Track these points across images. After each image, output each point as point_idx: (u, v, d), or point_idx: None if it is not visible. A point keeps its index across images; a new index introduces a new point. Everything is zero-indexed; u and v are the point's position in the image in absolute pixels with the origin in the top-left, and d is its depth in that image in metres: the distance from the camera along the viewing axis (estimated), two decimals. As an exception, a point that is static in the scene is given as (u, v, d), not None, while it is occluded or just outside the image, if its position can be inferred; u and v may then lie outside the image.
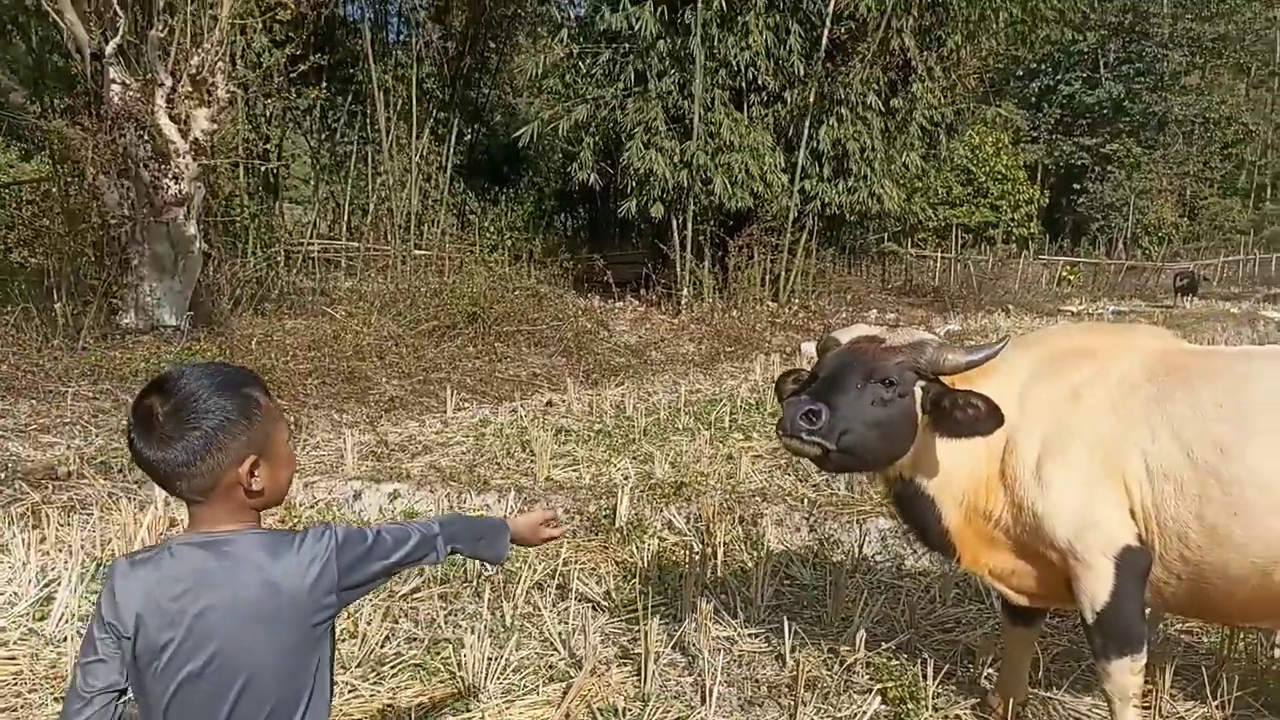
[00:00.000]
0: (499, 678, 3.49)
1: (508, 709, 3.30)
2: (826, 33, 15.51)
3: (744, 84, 15.54)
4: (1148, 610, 2.91)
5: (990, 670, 3.65)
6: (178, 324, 9.31)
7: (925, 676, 3.38)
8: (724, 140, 15.02)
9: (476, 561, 4.38)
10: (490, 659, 3.54)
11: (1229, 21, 37.43)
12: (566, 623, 4.02)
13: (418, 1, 18.36)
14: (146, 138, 8.91)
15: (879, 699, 3.39)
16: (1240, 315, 19.28)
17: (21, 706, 3.25)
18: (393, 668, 3.59)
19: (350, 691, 3.42)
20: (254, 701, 1.58)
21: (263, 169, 15.42)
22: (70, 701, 1.56)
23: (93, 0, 9.05)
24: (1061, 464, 2.74)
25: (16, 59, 12.77)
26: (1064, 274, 28.79)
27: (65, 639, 3.67)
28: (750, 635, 3.97)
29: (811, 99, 15.71)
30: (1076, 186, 38.48)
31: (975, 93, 20.33)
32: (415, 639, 3.84)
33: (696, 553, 4.67)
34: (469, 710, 3.32)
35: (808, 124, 15.87)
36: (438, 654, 3.72)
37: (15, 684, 3.39)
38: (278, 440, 1.66)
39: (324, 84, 13.45)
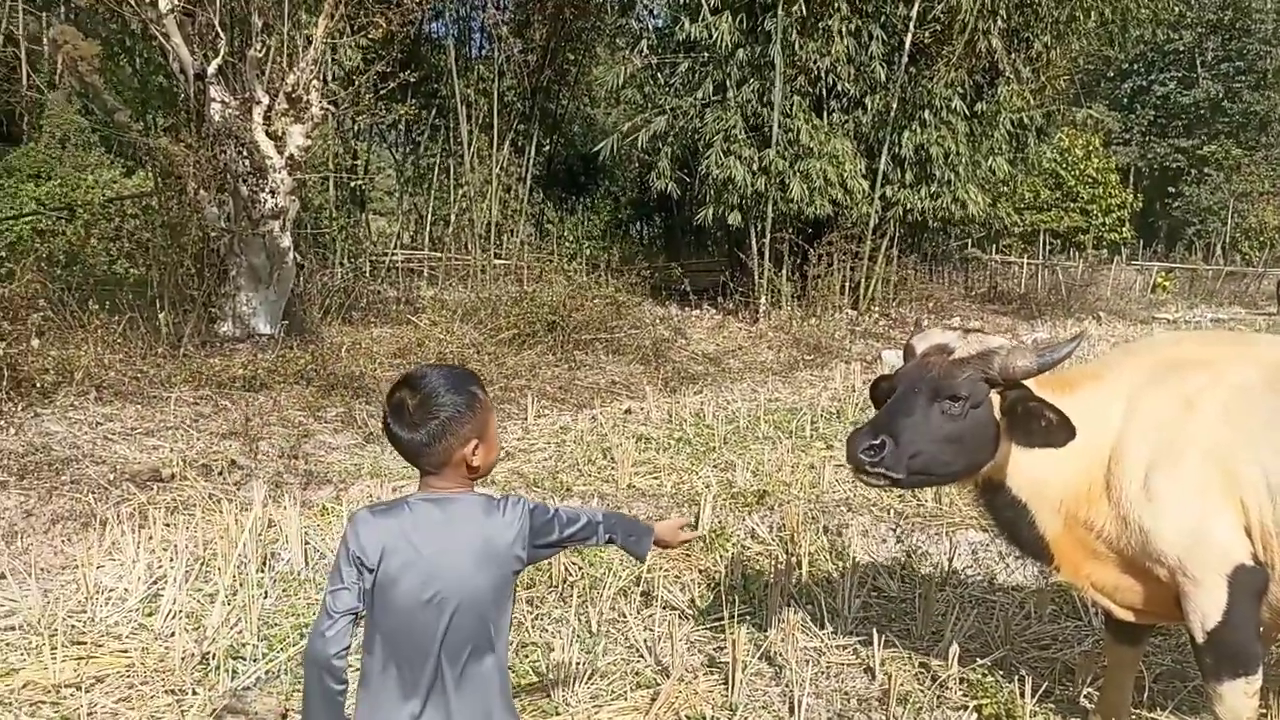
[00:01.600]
0: (586, 683, 3.52)
1: (596, 714, 3.33)
2: (910, 37, 15.26)
3: (824, 90, 15.38)
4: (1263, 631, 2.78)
5: (1090, 689, 3.53)
6: (272, 332, 9.65)
7: (1022, 694, 3.29)
8: (803, 147, 14.89)
9: (561, 568, 4.43)
10: (577, 663, 3.57)
11: (1337, 14, 35.60)
12: (652, 630, 4.03)
13: (500, 17, 18.68)
14: (245, 154, 9.27)
15: (974, 716, 3.31)
16: (1352, 323, 18.26)
17: (135, 697, 3.41)
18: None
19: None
20: (462, 631, 1.94)
21: (351, 183, 15.88)
22: (320, 619, 1.96)
23: (196, 23, 9.47)
24: (1173, 476, 2.64)
25: (122, 81, 13.44)
26: (1158, 280, 27.64)
27: (173, 634, 3.83)
28: (838, 647, 3.92)
29: (894, 104, 15.46)
30: (1171, 190, 36.98)
31: (1065, 95, 19.69)
32: (503, 642, 3.89)
33: (781, 562, 4.64)
34: (557, 714, 3.36)
35: (889, 129, 15.62)
36: (526, 657, 3.77)
37: (128, 675, 3.55)
38: (491, 428, 2.07)
39: (410, 99, 13.76)
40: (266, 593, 4.30)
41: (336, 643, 1.94)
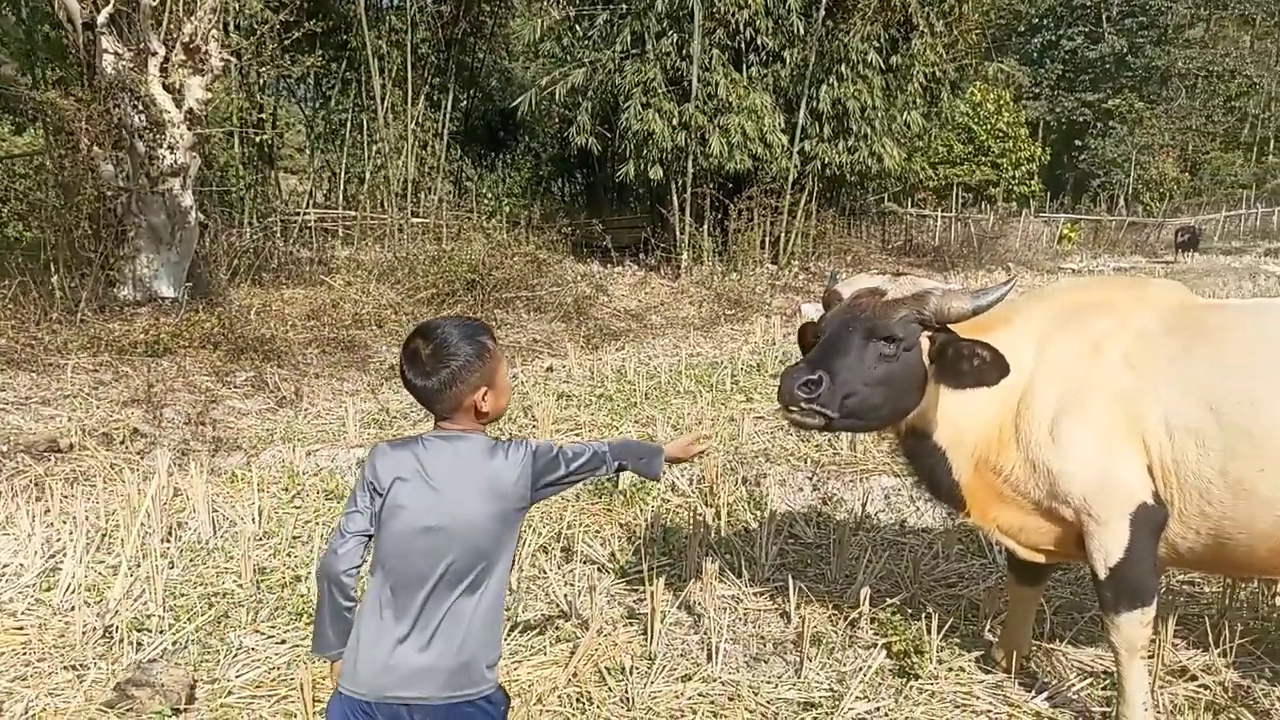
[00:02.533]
0: (506, 639, 3.51)
1: (515, 669, 3.33)
2: (826, -11, 15.29)
3: (743, 44, 15.33)
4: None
5: (994, 623, 3.67)
6: (175, 295, 9.28)
7: (929, 631, 3.40)
8: (722, 101, 14.85)
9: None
10: (496, 621, 3.55)
11: (1234, -28, 36.94)
12: (573, 584, 4.04)
13: (411, -36, 18.07)
14: (140, 108, 8.82)
15: (884, 653, 3.41)
16: (1241, 270, 19.20)
17: (32, 675, 3.28)
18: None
19: (358, 655, 3.44)
20: (457, 563, 2.04)
21: (257, 138, 15.28)
22: (334, 539, 2.09)
23: (82, -32, 8.91)
24: (1079, 420, 2.70)
25: (7, 31, 12.59)
26: (1064, 231, 28.61)
27: (73, 608, 3.69)
28: (755, 594, 3.99)
29: (811, 58, 15.50)
30: (1078, 143, 38.17)
31: (977, 49, 19.99)
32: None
33: (700, 514, 4.69)
34: (476, 671, 3.34)
35: (807, 83, 15.67)
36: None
37: (25, 653, 3.41)
38: (501, 375, 2.15)
39: (318, 51, 13.23)
40: (173, 563, 4.17)
41: (346, 560, 2.06)
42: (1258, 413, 2.55)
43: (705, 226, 15.90)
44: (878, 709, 3.13)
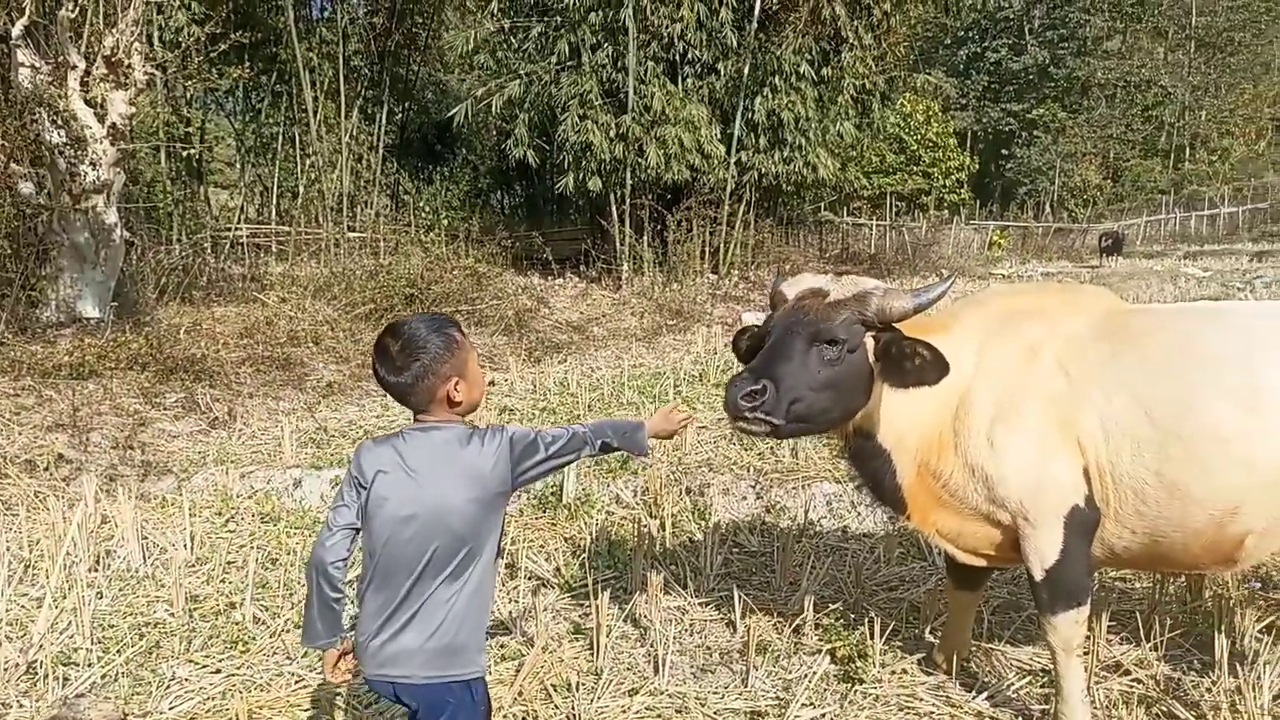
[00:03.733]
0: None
1: (460, 690, 3.27)
2: (759, 3, 15.49)
3: (677, 56, 15.45)
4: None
5: (935, 626, 3.73)
6: (101, 315, 8.97)
7: (872, 635, 3.44)
8: (658, 112, 14.94)
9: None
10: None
11: (1147, -15, 38.41)
12: (517, 601, 4.00)
13: (341, -24, 17.85)
14: (60, 123, 8.52)
15: (828, 659, 3.45)
16: (1163, 273, 19.90)
17: (-50, 716, 3.13)
18: (341, 655, 3.53)
19: (297, 682, 3.36)
20: (439, 552, 2.13)
21: (185, 153, 14.91)
22: (322, 532, 2.20)
23: (-6, -22, 8.60)
24: (1015, 425, 2.75)
25: (-87, 42, 12.11)
26: (994, 238, 29.35)
27: (-4, 644, 3.54)
28: (701, 604, 4.00)
29: (745, 70, 15.69)
30: (1005, 152, 39.21)
31: (905, 61, 20.49)
32: (363, 625, 3.78)
33: (645, 526, 4.68)
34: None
35: (742, 95, 15.85)
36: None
37: (-58, 693, 3.25)
38: (471, 366, 2.24)
39: (246, 63, 13.00)
40: (100, 593, 4.03)
41: (334, 552, 2.17)
42: (1187, 414, 2.63)
43: (645, 237, 15.96)
44: (824, 715, 3.15)
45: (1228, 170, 40.75)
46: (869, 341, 2.72)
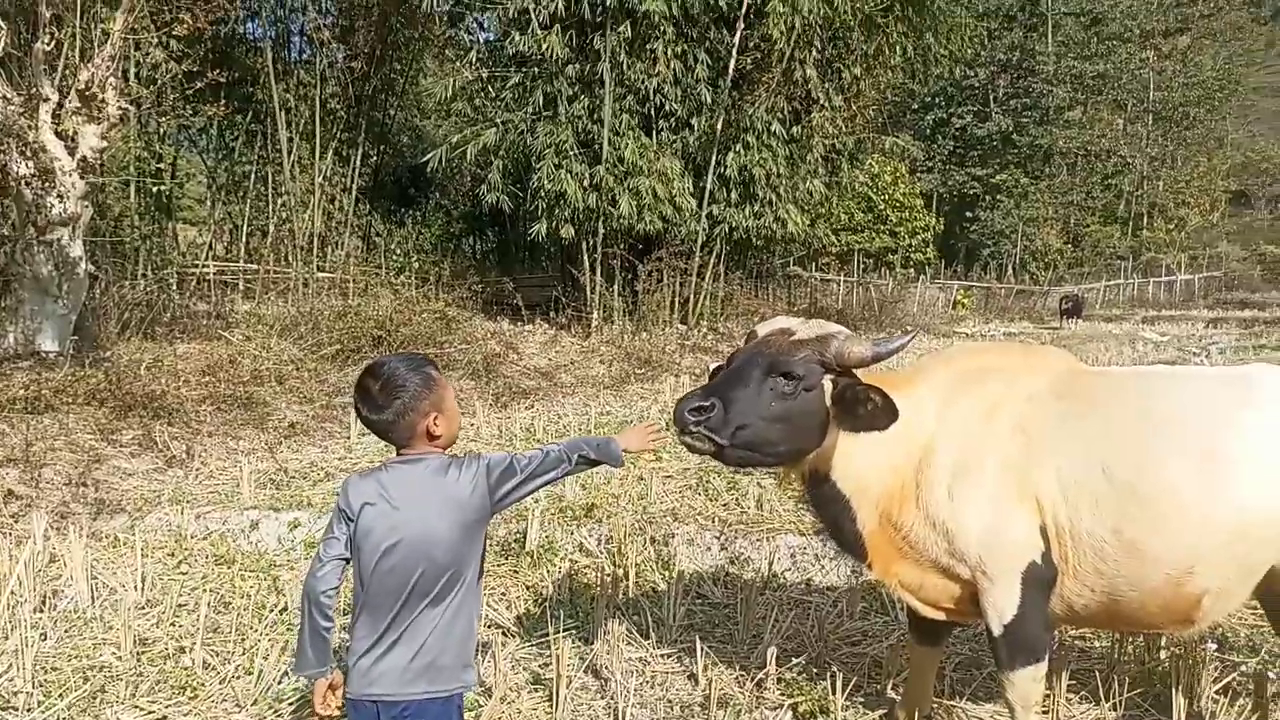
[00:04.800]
0: (405, 709, 3.38)
1: (414, 741, 3.19)
2: (733, 62, 15.84)
3: (652, 110, 15.72)
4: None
5: (897, 682, 3.71)
6: (60, 349, 8.82)
7: (834, 690, 3.41)
8: (631, 164, 15.14)
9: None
10: (396, 690, 3.42)
11: (1107, 61, 39.78)
12: (476, 651, 3.92)
13: (322, 21, 17.99)
14: (29, 154, 8.46)
15: (790, 714, 3.42)
16: (1121, 336, 20.33)
17: (-123, 761, 3.00)
18: (293, 705, 3.44)
19: (247, 730, 3.26)
20: (423, 578, 2.25)
21: (155, 188, 14.83)
22: (314, 563, 2.30)
23: (-31, 9, 8.59)
24: (974, 481, 2.79)
25: (-118, 69, 12.01)
26: (958, 297, 29.91)
27: (-70, 686, 3.40)
28: (663, 655, 3.95)
29: (719, 126, 15.99)
30: (969, 214, 40.11)
31: (874, 123, 20.97)
32: (317, 672, 3.69)
33: (608, 574, 4.64)
34: (374, 744, 3.20)
35: (715, 150, 16.14)
36: (341, 687, 3.58)
37: None
38: (449, 401, 2.37)
39: (222, 102, 13.00)
40: (45, 634, 3.90)
41: (324, 582, 2.26)
42: (1144, 475, 2.67)
43: (616, 286, 16.07)
44: (785, 771, 3.11)
45: (1184, 239, 42.06)
46: (827, 384, 2.77)
